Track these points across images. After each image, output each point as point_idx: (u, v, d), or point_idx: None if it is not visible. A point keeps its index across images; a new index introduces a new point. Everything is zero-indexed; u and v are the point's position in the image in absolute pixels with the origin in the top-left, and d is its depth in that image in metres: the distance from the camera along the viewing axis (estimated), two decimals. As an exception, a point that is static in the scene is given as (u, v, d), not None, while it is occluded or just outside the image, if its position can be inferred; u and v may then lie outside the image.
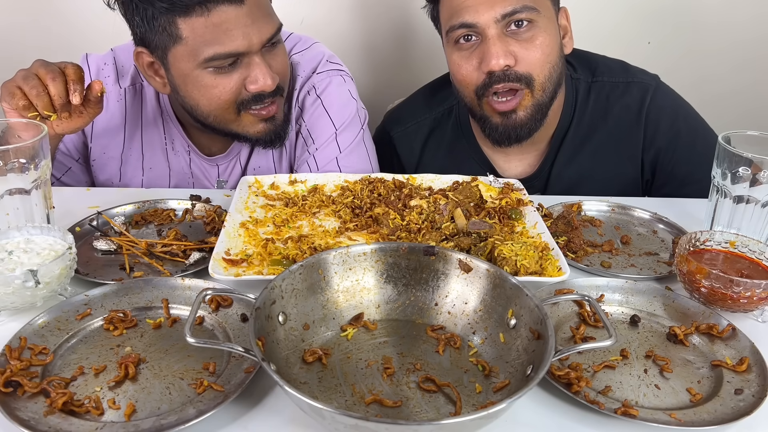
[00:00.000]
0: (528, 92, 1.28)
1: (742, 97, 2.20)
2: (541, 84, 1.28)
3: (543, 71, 1.28)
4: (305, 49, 1.41)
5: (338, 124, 1.35)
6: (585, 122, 1.42)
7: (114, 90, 1.37)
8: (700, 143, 1.37)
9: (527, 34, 1.25)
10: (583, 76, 1.43)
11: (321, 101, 1.36)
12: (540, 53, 1.26)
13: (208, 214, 1.14)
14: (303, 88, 1.37)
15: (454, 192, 1.19)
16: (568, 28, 1.37)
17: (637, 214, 1.22)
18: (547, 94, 1.30)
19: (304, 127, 1.37)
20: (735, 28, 2.11)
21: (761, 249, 0.97)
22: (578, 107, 1.42)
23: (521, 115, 1.30)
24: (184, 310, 0.88)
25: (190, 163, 1.42)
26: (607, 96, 1.42)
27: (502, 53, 1.23)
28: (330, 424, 0.63)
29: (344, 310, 0.86)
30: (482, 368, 0.78)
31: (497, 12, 1.22)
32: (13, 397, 0.71)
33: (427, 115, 1.51)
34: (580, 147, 1.42)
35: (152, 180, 1.42)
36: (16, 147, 0.96)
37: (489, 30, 1.23)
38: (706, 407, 0.75)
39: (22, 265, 0.87)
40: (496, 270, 0.84)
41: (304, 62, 1.39)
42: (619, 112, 1.41)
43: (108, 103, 1.35)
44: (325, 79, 1.37)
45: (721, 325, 0.88)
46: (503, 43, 1.24)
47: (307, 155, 1.36)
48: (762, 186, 1.04)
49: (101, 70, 1.38)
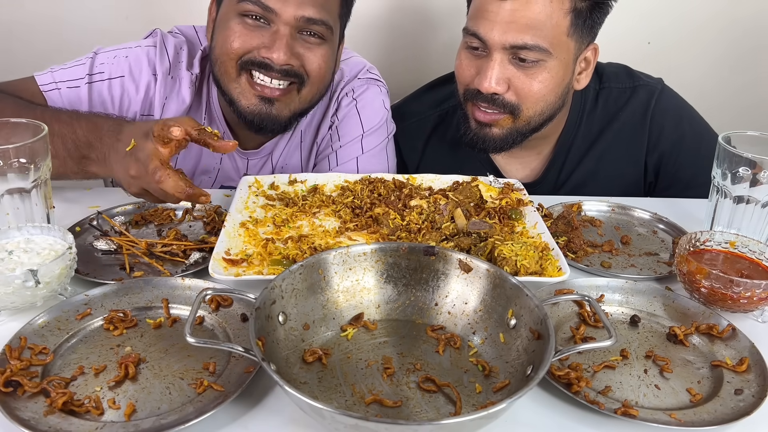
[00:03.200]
0: (509, 118, 1.27)
1: (742, 97, 2.20)
2: (527, 117, 1.28)
3: (533, 108, 1.27)
4: (348, 58, 1.46)
5: (366, 128, 1.39)
6: (593, 129, 1.42)
7: (186, 76, 1.35)
8: (704, 146, 1.37)
9: (531, 70, 1.23)
10: (592, 84, 1.42)
11: (356, 103, 1.40)
12: (536, 91, 1.24)
13: (208, 214, 1.14)
14: (343, 90, 1.42)
15: (454, 192, 1.19)
16: (591, 64, 1.33)
17: (637, 215, 1.22)
18: (530, 126, 1.30)
19: (335, 125, 1.41)
20: (734, 28, 2.11)
21: (761, 249, 0.97)
22: (586, 115, 1.41)
23: (496, 131, 1.30)
24: (184, 310, 0.88)
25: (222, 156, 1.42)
26: (615, 102, 1.41)
27: (496, 79, 1.22)
28: (330, 424, 0.63)
29: (344, 310, 0.86)
30: (482, 368, 0.78)
31: (508, 40, 1.20)
32: (13, 397, 0.71)
33: (431, 111, 1.51)
34: (587, 152, 1.42)
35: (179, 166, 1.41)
36: (16, 147, 0.96)
37: (495, 52, 1.22)
38: (706, 407, 0.75)
39: (22, 265, 0.86)
40: (496, 270, 0.84)
41: (348, 69, 1.44)
42: (625, 116, 1.40)
43: (181, 89, 1.34)
44: (363, 85, 1.42)
45: (721, 326, 0.88)
46: (503, 68, 1.23)
47: (330, 151, 1.40)
48: (762, 186, 1.04)
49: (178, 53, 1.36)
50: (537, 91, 1.24)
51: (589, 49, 1.31)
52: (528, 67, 1.23)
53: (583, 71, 1.33)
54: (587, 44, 1.29)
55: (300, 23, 1.20)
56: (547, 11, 1.19)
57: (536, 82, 1.24)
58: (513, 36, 1.19)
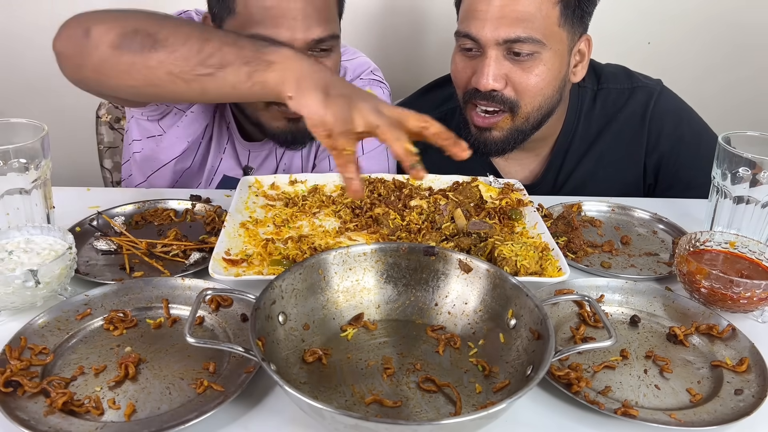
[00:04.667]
0: (509, 117, 1.27)
1: (741, 97, 2.21)
2: (526, 113, 1.27)
3: (533, 102, 1.27)
4: (353, 58, 1.45)
5: None
6: (591, 130, 1.41)
7: None
8: (704, 147, 1.37)
9: (527, 63, 1.23)
10: (590, 84, 1.42)
11: None
12: (533, 84, 1.24)
13: (208, 214, 1.14)
14: None
15: (454, 192, 1.19)
16: (585, 56, 1.34)
17: (637, 215, 1.22)
18: (529, 123, 1.29)
19: None
20: (735, 28, 2.11)
21: (761, 249, 0.97)
22: (584, 116, 1.41)
23: (496, 134, 1.30)
24: (184, 310, 0.88)
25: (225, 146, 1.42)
26: (613, 103, 1.41)
27: (493, 76, 1.22)
28: (330, 424, 0.63)
29: (344, 310, 0.86)
30: (482, 368, 0.78)
31: (500, 35, 1.20)
32: (13, 397, 0.71)
33: (429, 114, 1.51)
34: (585, 153, 1.42)
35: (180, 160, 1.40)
36: (16, 147, 0.96)
37: (489, 49, 1.22)
38: (706, 407, 0.75)
39: (22, 265, 0.87)
40: (496, 270, 0.84)
41: (352, 68, 1.43)
42: (624, 117, 1.40)
43: None
44: (366, 86, 1.41)
45: (721, 326, 0.88)
46: (498, 65, 1.23)
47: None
48: (762, 186, 1.04)
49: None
50: (534, 85, 1.25)
51: (582, 40, 1.31)
52: (524, 61, 1.23)
53: (579, 63, 1.33)
54: (579, 35, 1.30)
55: (310, 45, 1.19)
56: (536, 3, 1.20)
57: (533, 76, 1.24)
58: (505, 30, 1.20)
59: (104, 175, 1.78)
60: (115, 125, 1.73)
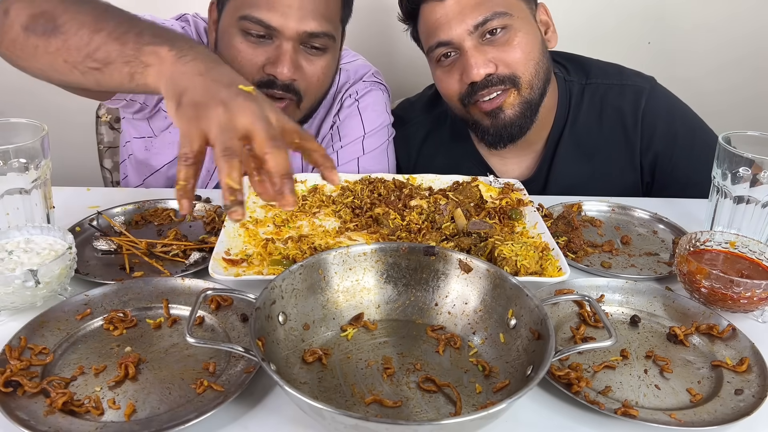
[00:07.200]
0: (514, 91, 1.28)
1: (741, 96, 2.20)
2: (528, 81, 1.28)
3: (528, 69, 1.28)
4: (354, 60, 1.46)
5: (368, 129, 1.40)
6: (580, 124, 1.42)
7: None
8: (699, 144, 1.37)
9: (504, 38, 1.25)
10: (577, 78, 1.43)
11: (358, 104, 1.41)
12: (520, 53, 1.26)
13: (208, 214, 1.14)
14: (347, 92, 1.42)
15: (454, 192, 1.19)
16: (549, 23, 1.37)
17: (638, 215, 1.22)
18: (535, 91, 1.30)
19: (337, 124, 1.41)
20: (735, 28, 2.11)
21: (761, 249, 0.97)
22: (572, 109, 1.42)
23: (509, 113, 1.30)
24: (184, 310, 0.88)
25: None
26: (602, 98, 1.41)
27: (482, 63, 1.23)
28: (330, 424, 0.63)
29: (344, 310, 0.86)
30: (482, 368, 0.78)
31: (468, 24, 1.22)
32: (13, 397, 0.71)
33: (424, 116, 1.52)
34: (577, 149, 1.42)
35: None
36: (17, 147, 0.96)
37: (465, 43, 1.24)
38: (706, 407, 0.75)
39: (22, 265, 0.86)
40: (496, 270, 0.84)
41: (353, 71, 1.44)
42: (614, 114, 1.40)
43: None
44: (367, 87, 1.43)
45: (721, 326, 0.88)
46: (481, 53, 1.24)
47: (330, 151, 1.40)
48: (762, 186, 1.04)
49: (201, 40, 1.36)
50: (521, 54, 1.26)
51: (539, 10, 1.35)
52: (501, 37, 1.25)
53: (548, 30, 1.36)
54: (535, 4, 1.34)
55: (302, 38, 1.19)
56: None
57: (515, 46, 1.25)
58: (471, 17, 1.22)
59: (104, 175, 1.78)
60: (115, 125, 1.73)
